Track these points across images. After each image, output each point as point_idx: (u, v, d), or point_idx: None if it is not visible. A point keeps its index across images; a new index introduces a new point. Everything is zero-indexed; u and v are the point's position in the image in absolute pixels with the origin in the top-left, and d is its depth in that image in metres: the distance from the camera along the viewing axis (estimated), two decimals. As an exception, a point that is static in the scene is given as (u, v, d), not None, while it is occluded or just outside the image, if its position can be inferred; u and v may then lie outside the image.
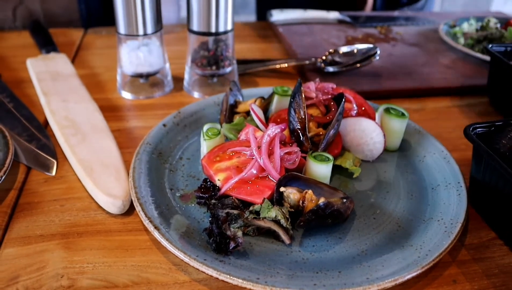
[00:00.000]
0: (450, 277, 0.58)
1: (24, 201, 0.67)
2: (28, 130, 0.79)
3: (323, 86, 0.78)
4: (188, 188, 0.68)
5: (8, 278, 0.55)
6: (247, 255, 0.57)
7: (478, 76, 1.05)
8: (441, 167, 0.72)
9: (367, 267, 0.56)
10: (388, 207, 0.67)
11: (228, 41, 0.91)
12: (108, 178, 0.67)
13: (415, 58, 1.14)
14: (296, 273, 0.55)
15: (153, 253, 0.59)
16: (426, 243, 0.59)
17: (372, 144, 0.74)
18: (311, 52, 1.12)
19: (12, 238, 0.60)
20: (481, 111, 0.96)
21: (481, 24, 1.25)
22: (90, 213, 0.65)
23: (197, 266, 0.53)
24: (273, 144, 0.64)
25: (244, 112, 0.78)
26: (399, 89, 0.99)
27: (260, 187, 0.62)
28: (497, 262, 0.61)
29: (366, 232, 0.62)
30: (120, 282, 0.55)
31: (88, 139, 0.75)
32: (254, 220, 0.59)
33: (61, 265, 0.57)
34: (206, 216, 0.63)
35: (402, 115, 0.75)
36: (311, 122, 0.72)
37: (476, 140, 0.64)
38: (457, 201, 0.65)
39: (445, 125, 0.90)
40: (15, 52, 1.11)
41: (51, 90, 0.89)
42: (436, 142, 0.77)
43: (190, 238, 0.58)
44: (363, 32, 1.29)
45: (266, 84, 1.01)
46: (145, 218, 0.59)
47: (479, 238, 0.64)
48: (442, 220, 0.63)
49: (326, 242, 0.60)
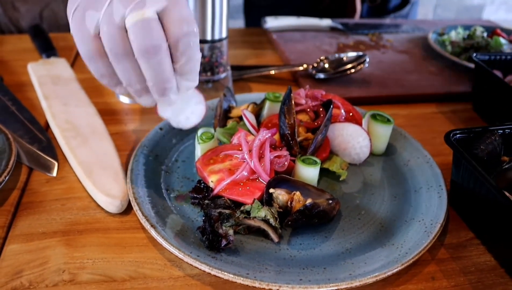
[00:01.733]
0: (429, 274, 0.62)
1: (26, 201, 0.70)
2: (30, 133, 0.82)
3: (312, 93, 0.81)
4: (183, 189, 0.71)
5: (12, 272, 0.58)
6: (238, 252, 0.61)
7: (463, 83, 1.09)
8: (424, 170, 0.76)
9: (351, 264, 0.60)
10: (372, 208, 0.70)
11: (223, 48, 0.94)
12: (107, 179, 0.70)
13: (404, 65, 1.18)
14: (284, 269, 0.59)
15: (149, 250, 0.63)
16: (407, 242, 0.63)
17: (359, 148, 0.77)
18: (304, 58, 1.16)
19: (15, 235, 0.64)
20: (465, 117, 0.99)
21: (468, 32, 1.29)
22: (89, 212, 0.68)
23: (191, 262, 0.57)
24: (263, 148, 0.68)
25: (237, 117, 0.81)
26: (387, 95, 1.03)
27: (251, 188, 0.66)
28: (473, 261, 0.64)
29: (351, 232, 0.66)
30: (118, 277, 0.58)
31: (88, 142, 0.78)
32: (245, 220, 0.63)
33: (63, 261, 0.60)
34: (199, 215, 0.67)
35: (388, 121, 0.79)
36: (300, 127, 0.76)
37: (455, 146, 0.67)
38: (438, 203, 0.69)
39: (430, 130, 0.93)
40: (16, 56, 1.14)
41: (52, 94, 0.92)
42: (420, 147, 0.80)
43: (184, 236, 0.62)
44: (355, 39, 1.33)
45: (259, 89, 1.04)
46: (142, 217, 0.63)
47: (458, 238, 0.68)
48: (423, 220, 0.66)
49: (312, 240, 0.64)
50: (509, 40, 1.24)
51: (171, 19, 0.54)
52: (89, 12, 0.54)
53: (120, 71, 0.57)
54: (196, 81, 0.59)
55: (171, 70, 0.57)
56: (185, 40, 0.55)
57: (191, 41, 0.55)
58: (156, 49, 0.54)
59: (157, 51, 0.54)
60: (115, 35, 0.54)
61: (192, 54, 0.56)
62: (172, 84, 0.58)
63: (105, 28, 0.54)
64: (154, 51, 0.54)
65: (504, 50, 1.19)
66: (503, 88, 0.89)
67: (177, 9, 0.54)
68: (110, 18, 0.53)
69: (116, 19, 0.53)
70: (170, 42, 0.55)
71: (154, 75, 0.56)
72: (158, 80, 0.57)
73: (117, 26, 0.53)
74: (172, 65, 0.56)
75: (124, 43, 0.54)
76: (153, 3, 0.53)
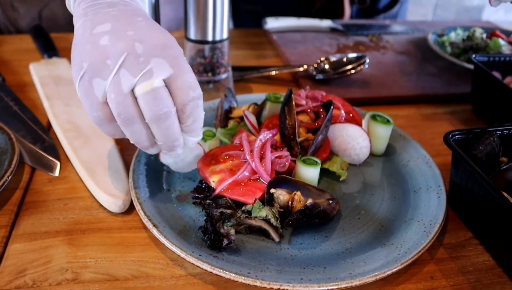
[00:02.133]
0: (428, 273, 0.63)
1: (29, 200, 0.70)
2: (32, 133, 0.83)
3: (313, 94, 0.82)
4: (184, 188, 0.72)
5: (16, 271, 0.59)
6: (239, 251, 0.61)
7: (463, 84, 1.10)
8: (423, 171, 0.77)
9: (351, 263, 0.61)
10: (372, 208, 0.71)
11: (224, 49, 0.95)
12: (109, 179, 0.71)
13: (404, 66, 1.18)
14: (285, 268, 0.59)
15: (151, 249, 0.63)
16: (406, 241, 0.64)
17: (359, 149, 0.78)
18: (304, 59, 1.17)
19: (19, 234, 0.64)
20: (464, 118, 1.00)
21: (467, 34, 1.30)
22: (92, 212, 0.69)
23: (193, 261, 0.57)
24: (264, 148, 0.69)
25: (238, 117, 0.82)
26: (387, 96, 1.03)
27: (252, 188, 0.66)
28: (472, 260, 0.65)
29: (351, 231, 0.67)
30: (120, 276, 0.59)
31: (90, 142, 0.79)
32: (246, 219, 0.63)
33: (66, 260, 0.61)
34: (201, 215, 0.67)
35: (387, 122, 0.79)
36: (301, 128, 0.77)
37: (454, 147, 0.68)
38: (437, 203, 0.70)
39: (430, 131, 0.94)
40: (18, 56, 1.15)
41: (54, 95, 0.92)
42: (419, 148, 0.81)
43: (186, 235, 0.63)
44: (355, 40, 1.34)
45: (260, 90, 1.05)
46: (144, 216, 0.63)
47: (456, 238, 0.69)
48: (422, 221, 0.67)
49: (313, 240, 0.65)
50: (508, 42, 1.25)
51: (178, 86, 0.57)
52: (96, 80, 0.56)
53: (129, 133, 0.59)
54: (200, 135, 0.63)
55: (179, 130, 0.60)
56: (191, 104, 0.58)
57: (197, 104, 0.58)
58: (166, 115, 0.57)
59: (167, 117, 0.57)
60: (124, 103, 0.56)
61: (197, 115, 0.60)
62: (180, 141, 0.61)
63: (113, 96, 0.56)
64: (165, 117, 0.57)
65: (503, 52, 1.20)
66: (501, 90, 0.89)
67: (182, 76, 0.57)
68: (118, 87, 0.55)
69: (124, 88, 0.55)
70: (178, 107, 0.58)
71: (164, 137, 0.59)
72: (168, 140, 0.60)
73: (125, 95, 0.56)
74: (179, 125, 0.60)
75: (133, 110, 0.56)
76: (160, 71, 0.55)
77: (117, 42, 0.56)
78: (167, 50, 0.57)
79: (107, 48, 0.56)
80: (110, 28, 0.57)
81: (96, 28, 0.57)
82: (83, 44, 0.57)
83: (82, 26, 0.59)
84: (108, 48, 0.55)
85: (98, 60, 0.56)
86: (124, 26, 0.57)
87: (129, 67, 0.55)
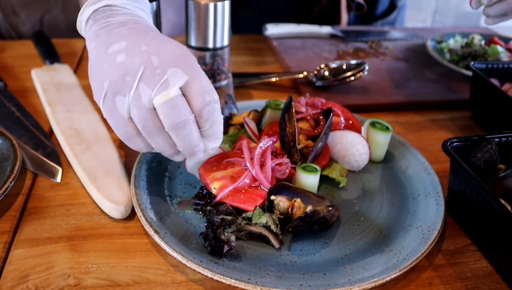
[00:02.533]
0: (426, 279, 0.63)
1: (31, 206, 0.71)
2: (34, 139, 0.84)
3: (313, 101, 0.83)
4: (185, 195, 0.73)
5: (18, 276, 0.59)
6: (239, 257, 0.62)
7: (461, 91, 1.10)
8: (422, 178, 0.77)
9: (350, 269, 0.61)
10: (371, 215, 0.72)
11: (224, 56, 0.96)
12: (111, 185, 0.72)
13: (403, 72, 1.19)
14: (285, 274, 0.60)
15: (152, 255, 0.64)
16: (404, 248, 0.64)
17: (358, 156, 0.79)
18: (304, 66, 1.18)
19: (21, 240, 0.65)
20: (463, 125, 1.01)
21: (466, 40, 1.31)
22: (94, 218, 0.69)
23: (194, 267, 0.58)
24: (265, 155, 0.69)
25: (239, 124, 0.83)
26: (386, 103, 1.04)
27: (253, 195, 0.67)
28: (470, 267, 0.66)
29: (350, 238, 0.67)
30: (122, 282, 0.60)
31: (92, 148, 0.80)
32: (247, 226, 0.64)
33: (68, 266, 0.61)
34: (202, 221, 0.68)
35: (387, 129, 0.80)
36: (301, 135, 0.77)
37: (452, 154, 0.69)
38: (435, 210, 0.70)
39: (428, 138, 0.95)
40: (20, 62, 1.15)
41: (56, 100, 0.93)
42: (418, 155, 0.82)
43: (187, 241, 0.63)
44: (354, 46, 1.35)
45: (260, 96, 1.06)
46: (146, 222, 0.64)
47: (455, 244, 0.69)
48: (420, 227, 0.68)
49: (312, 246, 0.65)
50: (506, 48, 1.26)
51: (194, 92, 0.58)
52: (119, 97, 0.58)
53: (154, 144, 0.62)
54: (220, 139, 0.64)
55: (198, 136, 0.61)
56: (208, 108, 0.58)
57: (213, 108, 0.59)
58: (184, 123, 0.58)
59: (185, 125, 0.58)
60: (146, 116, 0.58)
61: (215, 119, 0.60)
62: (200, 146, 0.62)
63: (136, 111, 0.58)
64: (183, 125, 0.58)
65: (501, 58, 1.21)
66: (499, 97, 0.90)
67: (197, 82, 0.58)
68: (139, 102, 0.57)
69: (144, 102, 0.57)
70: (195, 112, 0.59)
71: (184, 143, 0.61)
72: (188, 147, 0.61)
73: (146, 108, 0.57)
74: (198, 131, 0.61)
75: (154, 121, 0.58)
76: (175, 81, 0.57)
77: (134, 58, 0.57)
78: (182, 58, 0.58)
79: (124, 65, 0.57)
80: (124, 46, 0.58)
81: (111, 47, 0.59)
82: (101, 64, 0.59)
83: (96, 47, 0.60)
84: (126, 64, 0.57)
85: (117, 78, 0.57)
86: (138, 42, 0.59)
87: (147, 80, 0.57)
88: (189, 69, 0.58)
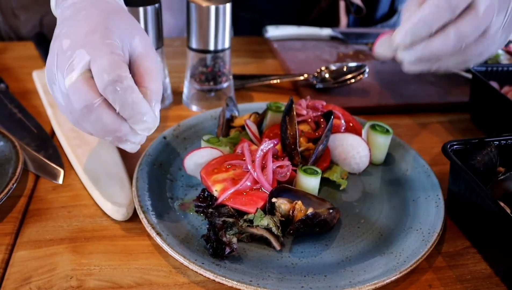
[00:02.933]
0: (426, 282, 0.64)
1: (33, 208, 0.71)
2: (36, 140, 0.84)
3: (313, 104, 0.83)
4: (187, 197, 0.73)
5: (21, 278, 0.60)
6: (241, 259, 0.63)
7: (461, 93, 1.11)
8: (422, 180, 0.78)
9: (351, 271, 0.62)
10: (371, 217, 0.72)
11: (226, 58, 0.96)
12: (113, 187, 0.72)
13: (403, 75, 1.19)
14: (286, 276, 0.60)
15: (154, 257, 0.64)
16: (405, 250, 0.65)
17: (359, 158, 0.79)
18: (304, 68, 1.18)
19: (23, 242, 0.65)
20: (462, 127, 1.01)
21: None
22: (96, 220, 0.70)
23: (196, 269, 0.59)
24: (266, 158, 0.70)
25: (240, 126, 0.83)
26: (386, 105, 1.05)
27: (254, 198, 0.67)
28: (470, 269, 0.66)
29: (350, 240, 0.68)
30: (124, 283, 0.60)
31: (94, 150, 0.80)
32: (248, 228, 0.64)
33: (70, 267, 0.62)
34: (203, 223, 0.68)
35: (387, 131, 0.81)
36: (302, 137, 0.78)
37: (452, 157, 0.69)
38: (435, 212, 0.71)
39: (428, 140, 0.95)
40: (21, 63, 1.16)
41: (57, 102, 0.94)
42: (418, 157, 0.82)
43: (189, 243, 0.64)
44: (355, 48, 1.35)
45: (261, 98, 1.06)
46: (148, 224, 0.64)
47: (454, 247, 0.70)
48: (420, 229, 0.68)
49: (313, 248, 0.66)
50: (506, 51, 1.26)
51: (94, 73, 0.54)
52: (53, 86, 0.58)
53: (89, 129, 0.59)
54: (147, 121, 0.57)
55: (116, 120, 0.56)
56: (109, 89, 0.53)
57: (115, 88, 0.53)
58: (88, 108, 0.55)
59: (90, 110, 0.55)
60: (68, 102, 0.57)
61: (122, 100, 0.54)
62: (123, 132, 0.57)
63: (60, 98, 0.58)
64: (88, 111, 0.55)
65: (501, 61, 1.21)
66: (499, 99, 0.91)
67: (96, 61, 0.54)
68: (60, 88, 0.57)
69: (62, 88, 0.56)
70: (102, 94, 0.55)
71: (100, 130, 0.57)
72: (105, 133, 0.57)
73: (66, 94, 0.56)
74: (114, 114, 0.56)
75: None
76: (78, 63, 0.54)
77: (53, 44, 0.57)
78: (87, 38, 0.55)
79: (50, 53, 0.58)
80: (57, 33, 0.59)
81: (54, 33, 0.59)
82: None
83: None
84: (50, 52, 0.58)
85: (48, 66, 0.58)
86: (64, 26, 0.58)
87: (60, 66, 0.55)
88: (92, 47, 0.54)
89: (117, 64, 0.54)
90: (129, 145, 0.61)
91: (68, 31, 0.57)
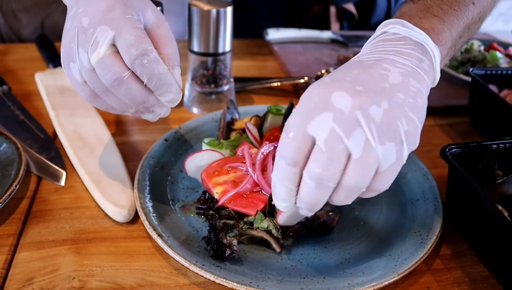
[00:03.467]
0: (424, 283, 0.64)
1: (36, 209, 0.72)
2: (38, 142, 0.85)
3: (313, 107, 0.84)
4: (188, 199, 0.74)
5: (24, 279, 0.60)
6: (241, 261, 0.63)
7: (461, 96, 1.11)
8: (420, 183, 0.79)
9: (349, 274, 0.62)
10: (370, 220, 0.73)
11: (226, 61, 0.97)
12: (115, 189, 0.73)
13: (402, 78, 1.20)
14: (285, 278, 0.61)
15: (156, 258, 0.65)
16: (403, 252, 0.65)
17: (358, 161, 0.80)
18: (305, 71, 1.19)
19: (26, 243, 0.66)
20: (462, 130, 1.02)
21: (465, 46, 1.32)
22: (98, 221, 0.70)
23: (196, 270, 0.59)
24: (266, 161, 0.70)
25: (240, 129, 0.84)
26: (386, 108, 1.05)
27: (254, 200, 0.68)
28: (467, 271, 0.67)
29: (349, 242, 0.68)
30: (126, 284, 0.61)
31: (95, 152, 0.81)
32: (248, 230, 0.65)
33: (72, 268, 0.62)
34: (204, 225, 0.69)
35: (386, 134, 0.81)
36: (302, 140, 0.78)
37: (451, 161, 0.70)
38: (434, 215, 0.71)
39: (427, 143, 0.96)
40: (23, 65, 1.16)
41: (60, 104, 0.94)
42: (417, 160, 0.83)
43: (189, 245, 0.64)
44: (355, 51, 1.36)
45: (262, 101, 1.07)
46: (149, 226, 0.65)
47: (452, 249, 0.70)
48: (419, 232, 0.69)
49: (313, 250, 0.66)
50: (506, 54, 1.27)
51: (121, 48, 0.57)
52: (71, 64, 0.60)
53: (111, 103, 0.62)
54: (172, 92, 0.62)
55: (143, 91, 0.60)
56: (137, 62, 0.57)
57: (143, 62, 0.57)
58: (118, 81, 0.58)
59: (120, 83, 0.58)
60: (92, 79, 0.60)
61: (150, 72, 0.58)
62: (150, 102, 0.62)
63: (84, 74, 0.60)
64: (118, 84, 0.58)
65: (500, 65, 1.22)
66: (498, 103, 0.91)
67: (122, 37, 0.57)
68: (82, 65, 0.59)
69: (85, 64, 0.59)
70: (130, 68, 0.58)
71: (129, 101, 0.61)
72: (135, 104, 0.61)
73: (89, 70, 0.59)
74: (142, 86, 0.60)
75: (100, 82, 0.59)
76: (103, 39, 0.57)
77: (72, 23, 0.59)
78: (107, 15, 0.58)
79: (68, 32, 0.60)
80: (73, 12, 0.61)
81: (67, 16, 0.62)
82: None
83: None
84: (68, 31, 0.60)
85: (65, 46, 0.60)
86: (80, 6, 0.60)
87: (82, 43, 0.58)
88: (114, 23, 0.57)
89: (142, 38, 0.57)
90: (151, 115, 0.65)
91: (85, 10, 0.59)
